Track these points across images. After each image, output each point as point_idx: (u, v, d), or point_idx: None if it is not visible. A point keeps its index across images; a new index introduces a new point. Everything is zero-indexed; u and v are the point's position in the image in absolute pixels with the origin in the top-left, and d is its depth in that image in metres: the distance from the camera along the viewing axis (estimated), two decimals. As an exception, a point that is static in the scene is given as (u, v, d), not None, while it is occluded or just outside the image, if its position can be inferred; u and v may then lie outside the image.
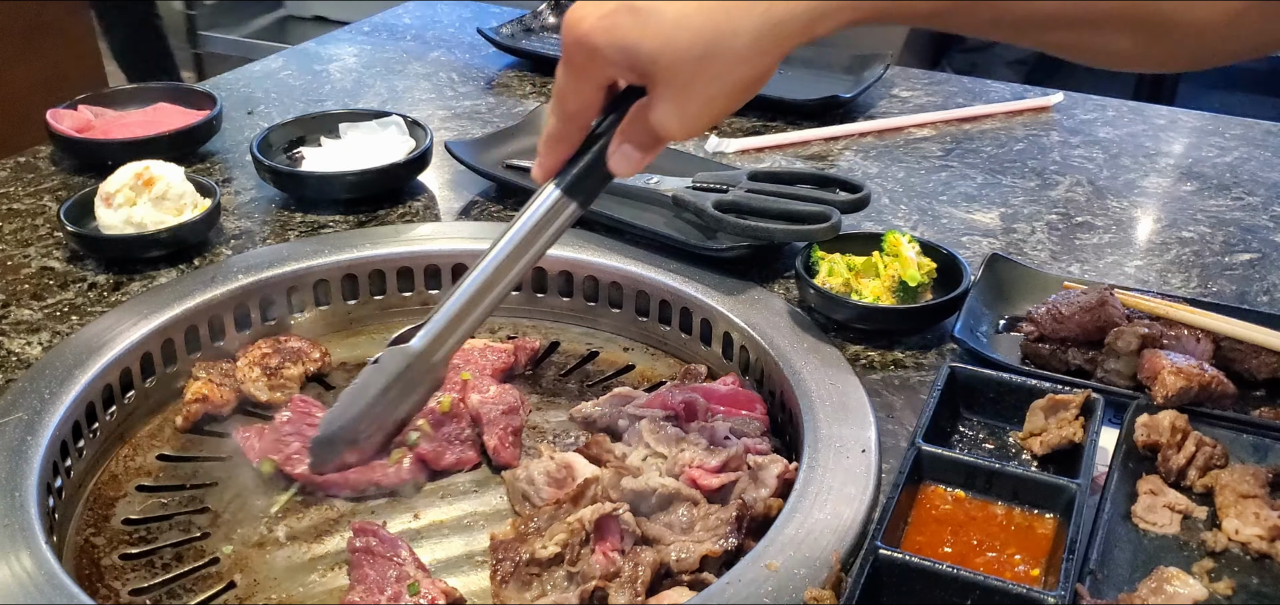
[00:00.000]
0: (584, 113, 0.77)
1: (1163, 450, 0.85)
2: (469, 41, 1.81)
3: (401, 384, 0.86)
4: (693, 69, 0.69)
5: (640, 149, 0.77)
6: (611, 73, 0.74)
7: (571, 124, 0.78)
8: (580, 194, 0.81)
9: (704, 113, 0.72)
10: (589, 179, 0.81)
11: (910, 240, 1.07)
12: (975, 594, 0.71)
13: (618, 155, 0.78)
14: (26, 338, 1.03)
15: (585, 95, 0.76)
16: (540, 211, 0.81)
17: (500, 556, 0.80)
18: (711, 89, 0.70)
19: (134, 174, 1.15)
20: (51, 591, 0.75)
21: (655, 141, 0.76)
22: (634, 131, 0.76)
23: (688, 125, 0.72)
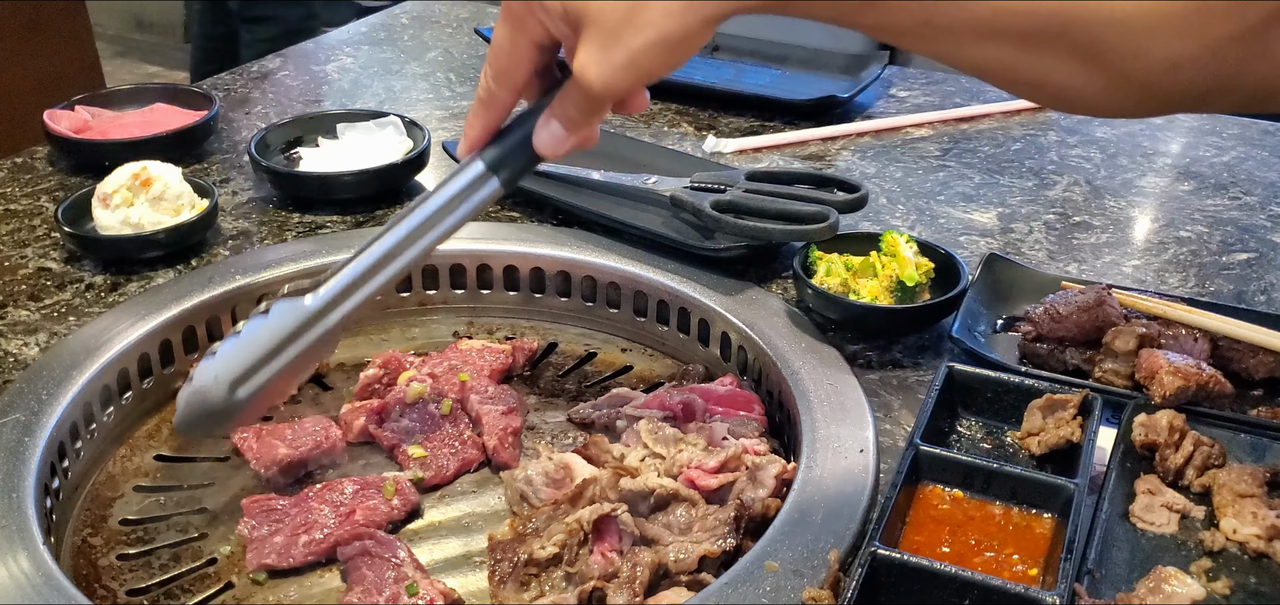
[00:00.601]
0: (516, 71, 0.75)
1: (1160, 450, 0.85)
2: (467, 42, 1.81)
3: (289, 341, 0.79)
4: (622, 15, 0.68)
5: (567, 125, 0.75)
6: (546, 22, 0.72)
7: (502, 84, 0.76)
8: (504, 171, 0.77)
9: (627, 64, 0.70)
10: (514, 157, 0.77)
11: (908, 240, 1.07)
12: (973, 594, 0.71)
13: (545, 131, 0.75)
14: (24, 338, 1.03)
15: (520, 50, 0.74)
16: (459, 185, 0.78)
17: (498, 557, 0.80)
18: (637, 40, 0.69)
19: (131, 174, 1.15)
20: (49, 592, 0.75)
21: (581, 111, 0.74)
22: (562, 105, 0.75)
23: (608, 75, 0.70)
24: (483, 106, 0.77)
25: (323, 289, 0.79)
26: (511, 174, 0.77)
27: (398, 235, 0.78)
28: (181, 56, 4.78)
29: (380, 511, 0.89)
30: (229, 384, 0.79)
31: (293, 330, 0.79)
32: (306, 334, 0.79)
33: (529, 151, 0.76)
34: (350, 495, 0.90)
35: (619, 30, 0.69)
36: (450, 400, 0.99)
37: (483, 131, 0.77)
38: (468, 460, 0.96)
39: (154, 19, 4.94)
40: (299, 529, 0.87)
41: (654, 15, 0.68)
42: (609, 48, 0.69)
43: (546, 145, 0.75)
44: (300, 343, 0.79)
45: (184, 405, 0.80)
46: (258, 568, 0.85)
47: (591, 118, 0.75)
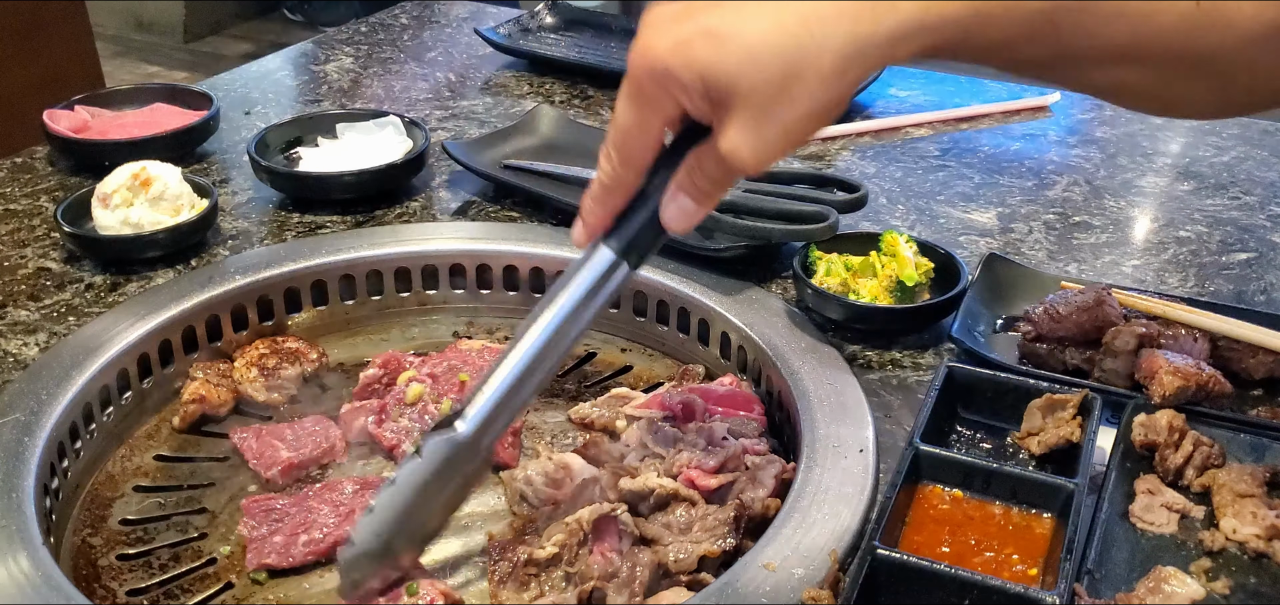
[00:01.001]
0: (645, 154, 0.71)
1: (1160, 450, 0.85)
2: (466, 41, 1.81)
3: (447, 476, 0.75)
4: (774, 90, 0.65)
5: (698, 198, 0.71)
6: (684, 101, 0.68)
7: (630, 168, 0.72)
8: (634, 255, 0.73)
9: (780, 139, 0.67)
10: (644, 237, 0.73)
11: (908, 240, 1.07)
12: (973, 594, 0.71)
13: (675, 207, 0.71)
14: (23, 339, 1.03)
15: (650, 133, 0.70)
16: (592, 278, 0.74)
17: (498, 557, 0.80)
18: (791, 113, 0.66)
19: (131, 174, 1.15)
20: (49, 592, 0.75)
21: (717, 185, 0.71)
22: (691, 180, 0.71)
23: (761, 152, 0.67)
24: (607, 193, 0.73)
25: (471, 414, 0.75)
26: (640, 256, 0.74)
27: (538, 345, 0.74)
28: (181, 57, 4.78)
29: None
30: (388, 538, 0.76)
31: (448, 464, 0.75)
32: (464, 465, 0.76)
33: (658, 231, 0.73)
34: (350, 495, 0.90)
35: (771, 106, 0.66)
36: (450, 400, 0.99)
37: (606, 217, 0.73)
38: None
39: (154, 19, 4.93)
40: (299, 528, 0.87)
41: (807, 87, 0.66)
42: (762, 125, 0.66)
43: (678, 221, 0.72)
44: (456, 476, 0.76)
45: (348, 567, 0.76)
46: (258, 567, 0.85)
47: (726, 189, 0.72)
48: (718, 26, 0.66)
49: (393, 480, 0.75)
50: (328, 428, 0.99)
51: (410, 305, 1.17)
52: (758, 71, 0.65)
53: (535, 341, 0.74)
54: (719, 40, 0.66)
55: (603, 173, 0.72)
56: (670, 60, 0.67)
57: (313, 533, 0.87)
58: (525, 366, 0.74)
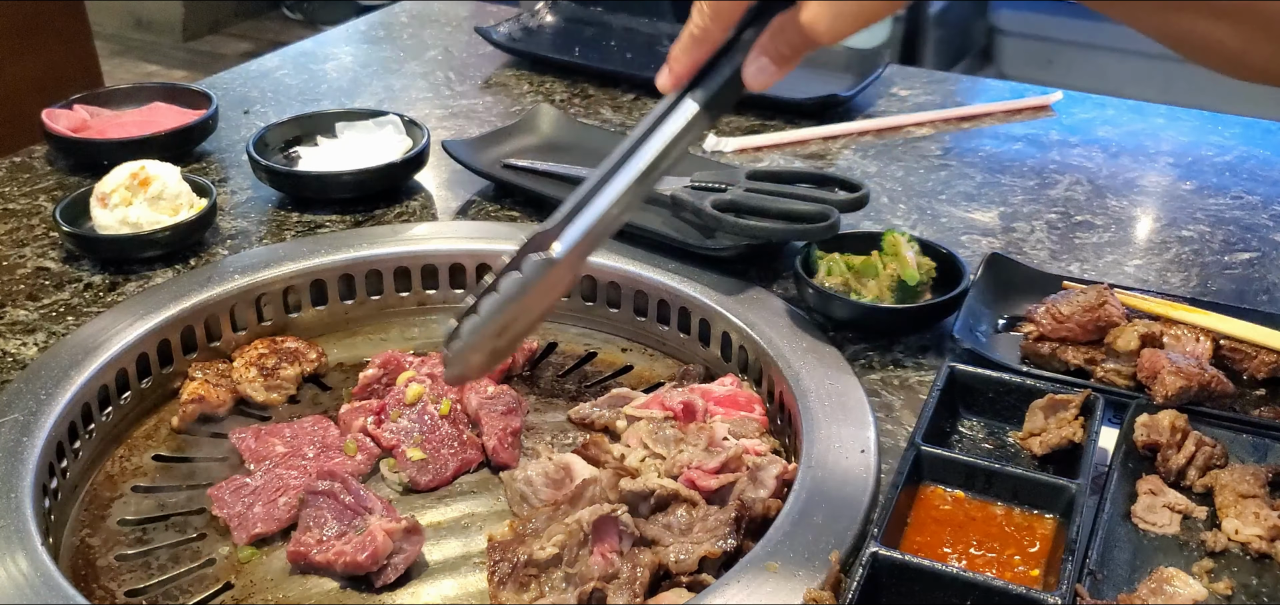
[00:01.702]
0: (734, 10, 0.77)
1: (1162, 450, 0.84)
2: (466, 40, 1.81)
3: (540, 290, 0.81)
4: None
5: (778, 61, 0.77)
6: None
7: (719, 22, 0.77)
8: (715, 109, 0.79)
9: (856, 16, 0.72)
10: (725, 92, 0.78)
11: (909, 240, 1.06)
12: (975, 595, 0.71)
13: (755, 66, 0.77)
14: (22, 338, 1.03)
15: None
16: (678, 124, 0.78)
17: (498, 558, 0.80)
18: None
19: (130, 174, 1.15)
20: (47, 592, 0.75)
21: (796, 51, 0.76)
22: (774, 43, 0.76)
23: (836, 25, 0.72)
24: (695, 43, 0.77)
25: (566, 237, 0.79)
26: (720, 109, 0.79)
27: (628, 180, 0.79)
28: (180, 56, 4.78)
29: (345, 467, 0.92)
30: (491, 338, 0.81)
31: (545, 285, 0.80)
32: (554, 281, 0.81)
33: (738, 86, 0.78)
34: (312, 458, 0.94)
35: None
36: (449, 400, 0.98)
37: (691, 67, 0.78)
38: (467, 461, 0.95)
39: (153, 18, 4.93)
40: (274, 494, 0.90)
41: None
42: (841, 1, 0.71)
43: (758, 79, 0.77)
44: (547, 289, 0.81)
45: (454, 360, 0.82)
46: (248, 541, 0.87)
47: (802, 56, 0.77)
48: None
49: (494, 287, 0.80)
50: (327, 428, 0.98)
51: (410, 305, 1.17)
52: None
53: (625, 181, 0.79)
54: None
55: (693, 23, 0.77)
56: None
57: (288, 495, 0.89)
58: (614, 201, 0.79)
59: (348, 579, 0.84)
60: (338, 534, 0.85)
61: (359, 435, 0.96)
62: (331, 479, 0.88)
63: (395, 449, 0.96)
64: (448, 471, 0.94)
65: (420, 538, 0.85)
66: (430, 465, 0.94)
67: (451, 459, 0.95)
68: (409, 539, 0.84)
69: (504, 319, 0.81)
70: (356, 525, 0.85)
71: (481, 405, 0.98)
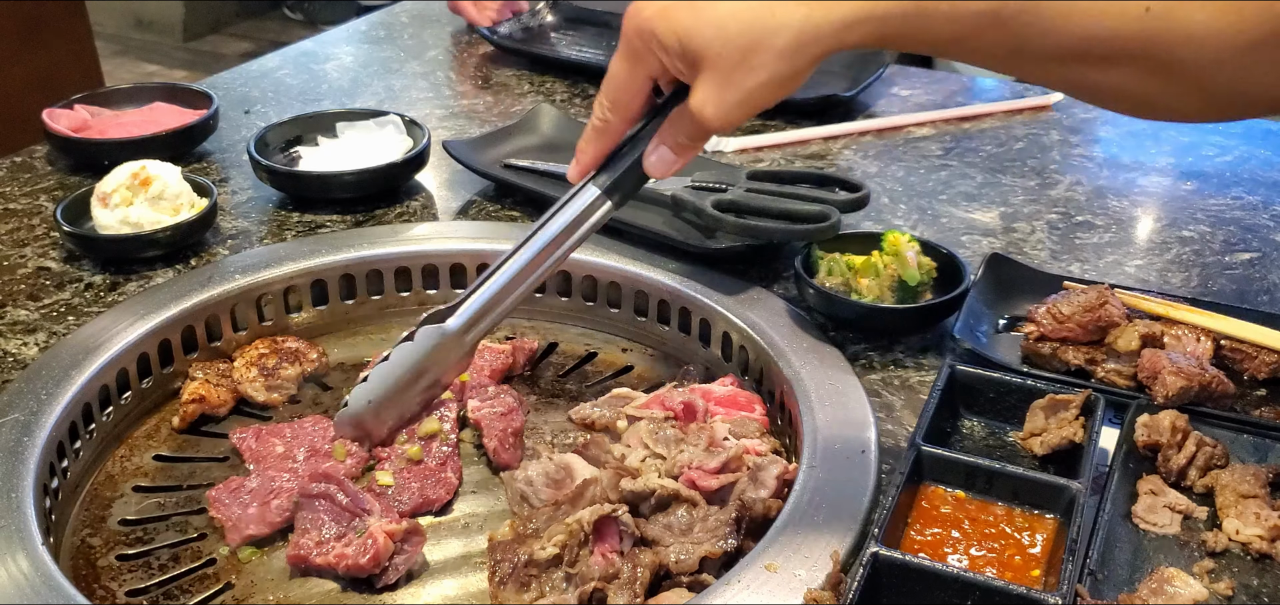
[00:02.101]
0: (632, 104, 0.83)
1: (1163, 450, 0.84)
2: (466, 41, 1.81)
3: (432, 362, 0.90)
4: (737, 58, 0.76)
5: (676, 150, 0.83)
6: (664, 60, 0.79)
7: (618, 114, 0.84)
8: (617, 194, 0.86)
9: (741, 101, 0.77)
10: (626, 179, 0.85)
11: (910, 240, 1.06)
12: (975, 595, 0.71)
13: (655, 156, 0.84)
14: (23, 338, 1.03)
15: (636, 83, 0.82)
16: (578, 209, 0.87)
17: (498, 558, 0.80)
18: (751, 80, 0.76)
19: (130, 174, 1.15)
20: (48, 592, 0.75)
21: (691, 139, 0.82)
22: (672, 132, 0.83)
23: (723, 110, 0.78)
24: (597, 134, 0.85)
25: (461, 312, 0.89)
26: (623, 196, 0.87)
27: (525, 259, 0.89)
28: (181, 55, 4.78)
29: (338, 471, 0.91)
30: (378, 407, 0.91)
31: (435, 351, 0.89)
32: (449, 354, 0.90)
33: (639, 174, 0.85)
34: (303, 460, 0.94)
35: (734, 72, 0.76)
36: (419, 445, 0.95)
37: (595, 157, 0.86)
38: (428, 500, 0.91)
39: (153, 18, 4.93)
40: (268, 496, 0.90)
41: (768, 57, 0.76)
42: (725, 89, 0.77)
43: (657, 168, 0.84)
44: (440, 365, 0.91)
45: (340, 423, 0.93)
46: (242, 541, 0.87)
47: (700, 144, 0.84)
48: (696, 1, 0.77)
49: (386, 357, 0.89)
50: (327, 428, 0.98)
51: (410, 305, 1.17)
52: (724, 40, 0.76)
53: (521, 259, 0.89)
54: (696, 10, 0.77)
55: (595, 117, 0.85)
56: (655, 22, 0.78)
57: (281, 498, 0.89)
58: (510, 279, 0.89)
59: (348, 579, 0.84)
60: (337, 536, 0.85)
61: (349, 442, 0.95)
62: (326, 481, 0.87)
63: (379, 464, 0.94)
64: (407, 506, 0.90)
65: (421, 539, 0.85)
66: (395, 495, 0.91)
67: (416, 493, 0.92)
68: (410, 540, 0.84)
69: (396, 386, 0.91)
70: (356, 527, 0.85)
71: (482, 407, 0.98)
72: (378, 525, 0.84)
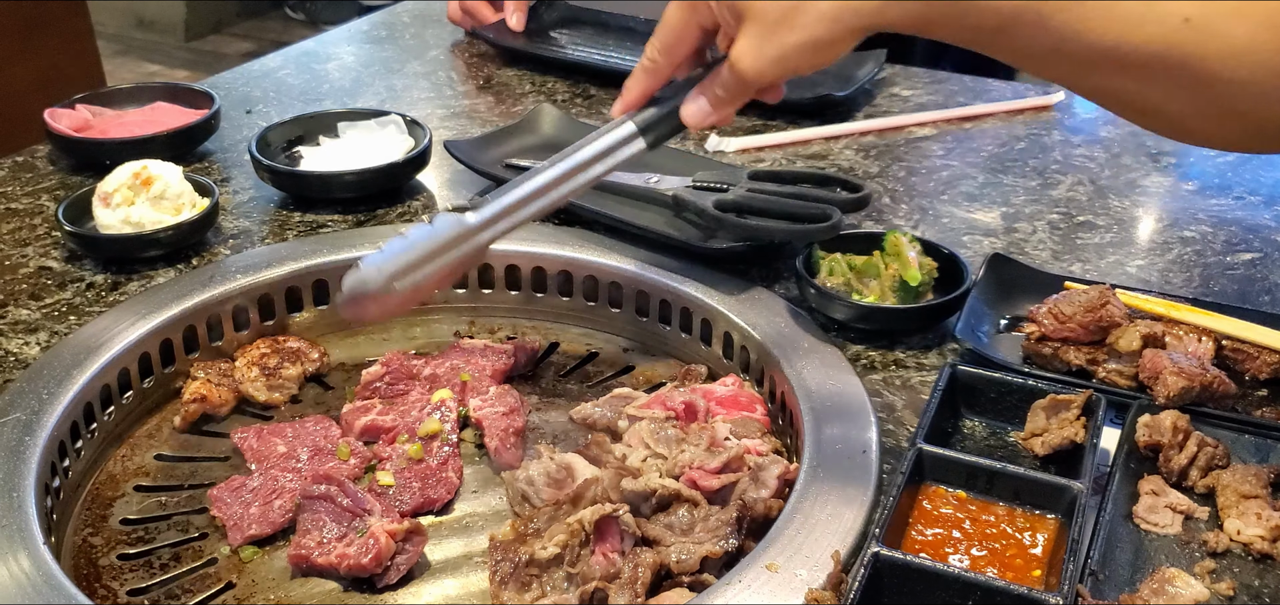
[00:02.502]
0: (680, 47, 0.86)
1: (1164, 450, 0.84)
2: (467, 40, 1.81)
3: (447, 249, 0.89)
4: (779, 14, 0.78)
5: (714, 103, 0.85)
6: (714, 9, 0.82)
7: (665, 57, 0.86)
8: (650, 134, 0.88)
9: (777, 59, 0.80)
10: (662, 123, 0.88)
11: (911, 240, 1.06)
12: (976, 595, 0.71)
13: (692, 105, 0.86)
14: (24, 338, 1.03)
15: (688, 30, 0.85)
16: (612, 138, 0.88)
17: (499, 557, 0.80)
18: (791, 38, 0.78)
19: (132, 173, 1.15)
20: (49, 592, 0.75)
21: (729, 93, 0.84)
22: (711, 85, 0.85)
23: (760, 65, 0.80)
24: (644, 74, 0.88)
25: (483, 211, 0.89)
26: (657, 137, 0.89)
27: (553, 174, 0.89)
28: (182, 55, 4.79)
29: (340, 471, 0.92)
30: (390, 276, 0.88)
31: (451, 240, 0.89)
32: (463, 245, 0.89)
33: (675, 121, 0.88)
34: (307, 460, 0.94)
35: (775, 28, 0.79)
36: (420, 444, 0.96)
37: (640, 95, 0.88)
38: (429, 500, 0.92)
39: (155, 18, 4.94)
40: (270, 495, 0.90)
41: (809, 18, 0.78)
42: (765, 42, 0.80)
43: (693, 117, 0.87)
44: (456, 252, 0.90)
45: (349, 286, 0.88)
46: (243, 541, 0.87)
47: (737, 100, 0.85)
48: None
49: (404, 234, 0.89)
50: (329, 427, 0.98)
51: (411, 304, 1.16)
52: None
53: (548, 174, 0.89)
54: None
55: (645, 58, 0.88)
56: None
57: (283, 497, 0.90)
58: (534, 189, 0.89)
59: (350, 579, 0.84)
60: (339, 536, 0.85)
61: (352, 441, 0.96)
62: (328, 482, 0.87)
63: (380, 464, 0.95)
64: (407, 506, 0.91)
65: (422, 538, 0.85)
66: (396, 495, 0.92)
67: (417, 493, 0.92)
68: (411, 540, 0.85)
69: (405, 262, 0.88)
70: (357, 527, 0.85)
71: (483, 408, 0.98)
72: (379, 525, 0.84)
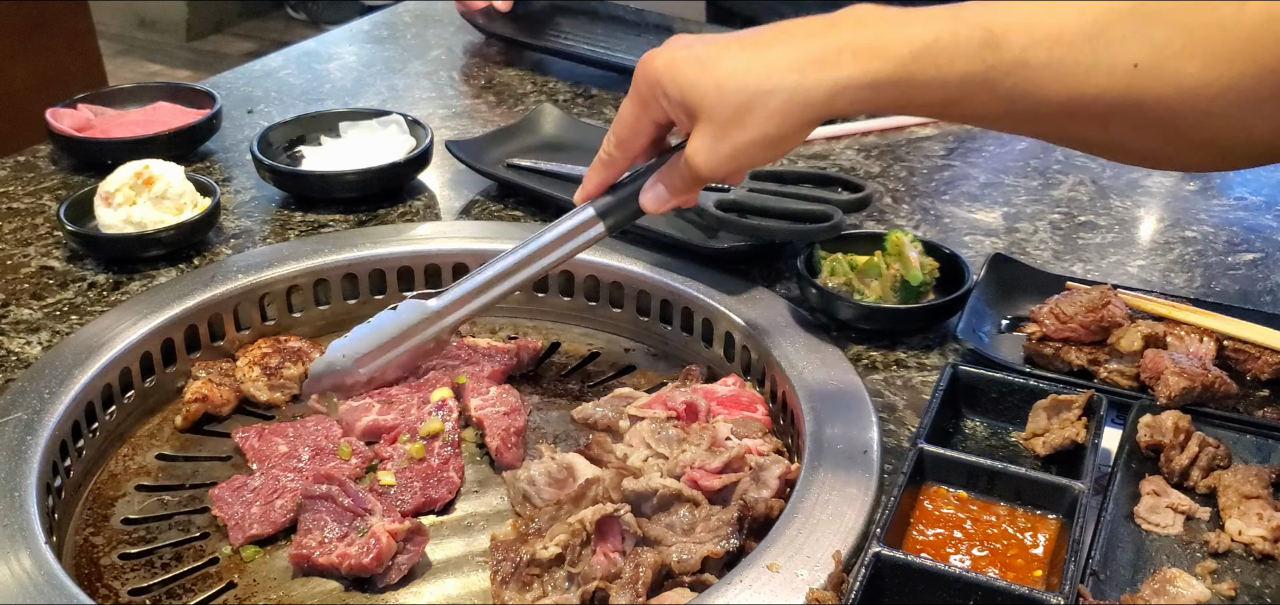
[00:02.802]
0: (635, 142, 0.89)
1: (1166, 451, 0.84)
2: (469, 41, 1.81)
3: (411, 335, 0.96)
4: (731, 114, 0.80)
5: (670, 191, 0.88)
6: (667, 108, 0.84)
7: (622, 150, 0.89)
8: (610, 219, 0.93)
9: (731, 155, 0.82)
10: (621, 209, 0.92)
11: (913, 240, 1.06)
12: (977, 595, 0.71)
13: (650, 192, 0.89)
14: (26, 337, 1.03)
15: (641, 126, 0.88)
16: (572, 224, 0.94)
17: (500, 557, 0.80)
18: (742, 137, 0.80)
19: (134, 173, 1.15)
20: (51, 591, 0.75)
21: (685, 184, 0.87)
22: (669, 175, 0.88)
23: (714, 162, 0.82)
24: (602, 166, 0.91)
25: (445, 296, 0.96)
26: (616, 222, 0.93)
27: (514, 259, 0.96)
28: (184, 55, 4.79)
29: (341, 471, 0.91)
30: (356, 360, 0.98)
31: (416, 325, 0.96)
32: (426, 330, 0.97)
33: (634, 207, 0.91)
34: (308, 460, 0.94)
35: (727, 128, 0.81)
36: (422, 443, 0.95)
37: (598, 186, 0.92)
38: (430, 500, 0.92)
39: (156, 17, 4.94)
40: (272, 495, 0.90)
41: (759, 117, 0.80)
42: (718, 142, 0.82)
43: (651, 204, 0.90)
44: (419, 337, 0.98)
45: (316, 369, 0.99)
46: (244, 541, 0.87)
47: (693, 189, 0.88)
48: (703, 56, 0.82)
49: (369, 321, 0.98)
50: (330, 427, 0.98)
51: (413, 304, 1.17)
52: (721, 97, 0.81)
53: (510, 259, 0.96)
54: (701, 66, 0.82)
55: (602, 150, 0.91)
56: (662, 73, 0.84)
57: (284, 497, 0.90)
58: (496, 273, 0.96)
59: (351, 579, 0.84)
60: (340, 535, 0.85)
61: (353, 441, 0.96)
62: (329, 482, 0.88)
63: (381, 464, 0.95)
64: (409, 506, 0.91)
65: (423, 538, 0.85)
66: (397, 495, 0.92)
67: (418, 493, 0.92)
68: (413, 540, 0.85)
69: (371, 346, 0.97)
70: (358, 527, 0.85)
71: (484, 407, 0.98)
72: (380, 525, 0.84)
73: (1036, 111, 0.77)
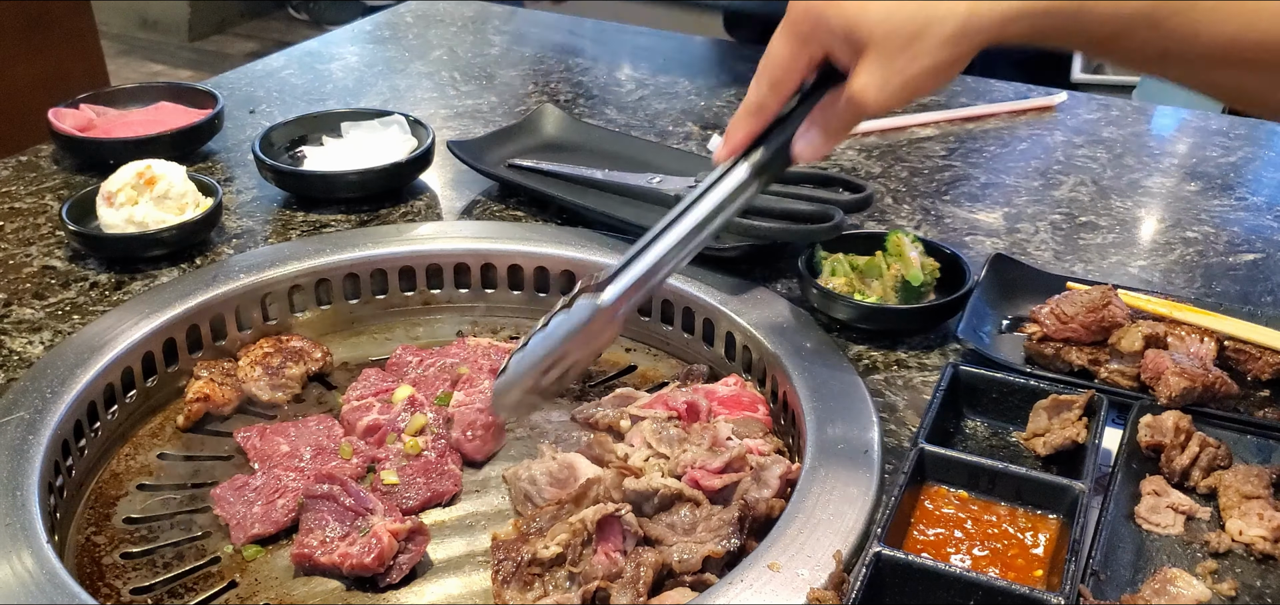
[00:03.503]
0: (788, 82, 0.82)
1: (1166, 451, 0.84)
2: (471, 41, 1.81)
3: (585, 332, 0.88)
4: (902, 44, 0.76)
5: (828, 134, 0.82)
6: (829, 43, 0.79)
7: (775, 93, 0.82)
8: (764, 176, 0.84)
9: (901, 87, 0.77)
10: (774, 163, 0.84)
11: (913, 240, 1.06)
12: (978, 594, 0.71)
13: (804, 139, 0.83)
14: (28, 337, 1.03)
15: (797, 65, 0.81)
16: (728, 189, 0.85)
17: (502, 556, 0.80)
18: (914, 66, 0.76)
19: (136, 173, 1.15)
20: (53, 590, 0.75)
21: (845, 123, 0.81)
22: (825, 116, 0.82)
23: (884, 95, 0.78)
24: (751, 115, 0.84)
25: (613, 289, 0.87)
26: (769, 179, 0.85)
27: (675, 239, 0.86)
28: (186, 55, 4.79)
29: (343, 470, 0.92)
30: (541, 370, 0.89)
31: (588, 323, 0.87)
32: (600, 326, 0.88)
33: (787, 159, 0.83)
34: (309, 460, 0.94)
35: (898, 57, 0.77)
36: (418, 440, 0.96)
37: (747, 137, 0.84)
38: (437, 494, 0.93)
39: (158, 18, 4.94)
40: (273, 495, 0.90)
41: (933, 43, 0.76)
42: (888, 72, 0.77)
43: (807, 152, 0.83)
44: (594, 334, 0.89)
45: (500, 385, 0.91)
46: (246, 540, 0.87)
47: (850, 129, 0.83)
48: None
49: (544, 325, 0.88)
50: (331, 427, 0.99)
51: (414, 304, 1.17)
52: (891, 27, 0.76)
53: (672, 239, 0.86)
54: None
55: (751, 96, 0.83)
56: (825, 5, 0.78)
57: (285, 497, 0.90)
58: (660, 258, 0.86)
59: (352, 578, 0.84)
60: (341, 535, 0.85)
61: (354, 440, 0.96)
62: (330, 481, 0.88)
63: (379, 464, 0.95)
64: (415, 502, 0.92)
65: (425, 538, 0.85)
66: (402, 493, 0.92)
67: (423, 488, 0.93)
68: (414, 539, 0.85)
69: (550, 356, 0.89)
70: (360, 526, 0.85)
71: (466, 401, 0.98)
72: (382, 524, 0.84)
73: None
